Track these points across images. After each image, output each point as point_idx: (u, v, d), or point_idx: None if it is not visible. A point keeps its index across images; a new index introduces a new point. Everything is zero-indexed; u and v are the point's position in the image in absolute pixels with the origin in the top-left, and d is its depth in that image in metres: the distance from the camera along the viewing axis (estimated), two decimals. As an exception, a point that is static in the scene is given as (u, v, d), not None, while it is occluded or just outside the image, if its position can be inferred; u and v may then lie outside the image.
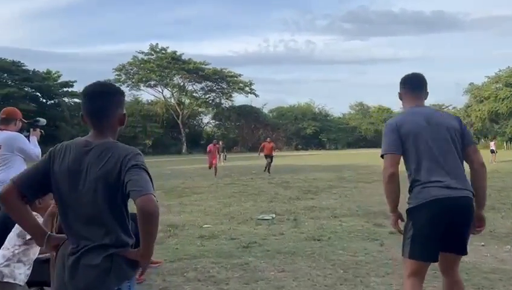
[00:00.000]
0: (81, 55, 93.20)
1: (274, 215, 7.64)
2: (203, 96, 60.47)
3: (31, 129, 4.15)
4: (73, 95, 57.41)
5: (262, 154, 19.77)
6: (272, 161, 19.00)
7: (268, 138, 21.61)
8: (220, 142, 25.46)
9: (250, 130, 63.24)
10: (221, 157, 25.34)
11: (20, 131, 4.04)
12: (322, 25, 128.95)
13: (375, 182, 13.32)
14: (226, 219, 7.64)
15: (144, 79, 55.68)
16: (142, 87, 57.57)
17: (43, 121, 4.25)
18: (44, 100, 54.93)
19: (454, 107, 67.70)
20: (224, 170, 21.81)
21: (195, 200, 10.20)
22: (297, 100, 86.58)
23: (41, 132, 4.27)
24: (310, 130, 65.48)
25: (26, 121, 4.16)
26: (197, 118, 64.51)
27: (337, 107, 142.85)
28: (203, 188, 13.01)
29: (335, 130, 68.72)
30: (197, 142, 60.31)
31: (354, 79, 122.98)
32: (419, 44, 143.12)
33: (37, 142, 4.11)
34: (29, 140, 4.02)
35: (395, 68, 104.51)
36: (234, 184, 14.01)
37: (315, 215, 7.77)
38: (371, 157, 33.39)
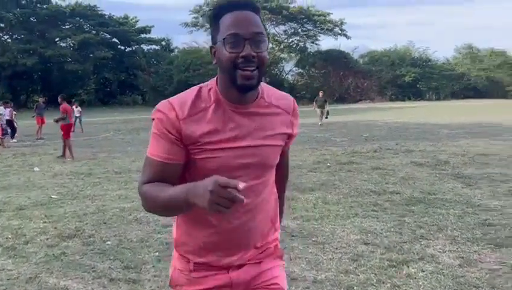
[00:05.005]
0: (158, 4, 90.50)
1: None
2: (285, 40, 54.38)
3: None
4: (150, 41, 54.59)
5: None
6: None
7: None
8: (320, 93, 19.23)
9: (338, 78, 56.25)
10: (323, 113, 18.60)
11: None
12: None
13: None
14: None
15: (222, 22, 50.85)
16: (220, 32, 52.94)
17: None
18: (122, 47, 52.77)
19: None
20: (323, 131, 16.36)
21: (307, 219, 4.99)
22: (387, 46, 76.59)
23: None
24: (409, 77, 56.80)
25: None
26: (278, 65, 58.76)
27: (440, 51, 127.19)
28: (315, 173, 7.92)
29: (437, 78, 59.08)
30: (279, 91, 55.25)
31: (458, 19, 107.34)
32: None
33: None
34: None
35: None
36: (355, 164, 8.70)
37: None
38: (501, 111, 22.84)
